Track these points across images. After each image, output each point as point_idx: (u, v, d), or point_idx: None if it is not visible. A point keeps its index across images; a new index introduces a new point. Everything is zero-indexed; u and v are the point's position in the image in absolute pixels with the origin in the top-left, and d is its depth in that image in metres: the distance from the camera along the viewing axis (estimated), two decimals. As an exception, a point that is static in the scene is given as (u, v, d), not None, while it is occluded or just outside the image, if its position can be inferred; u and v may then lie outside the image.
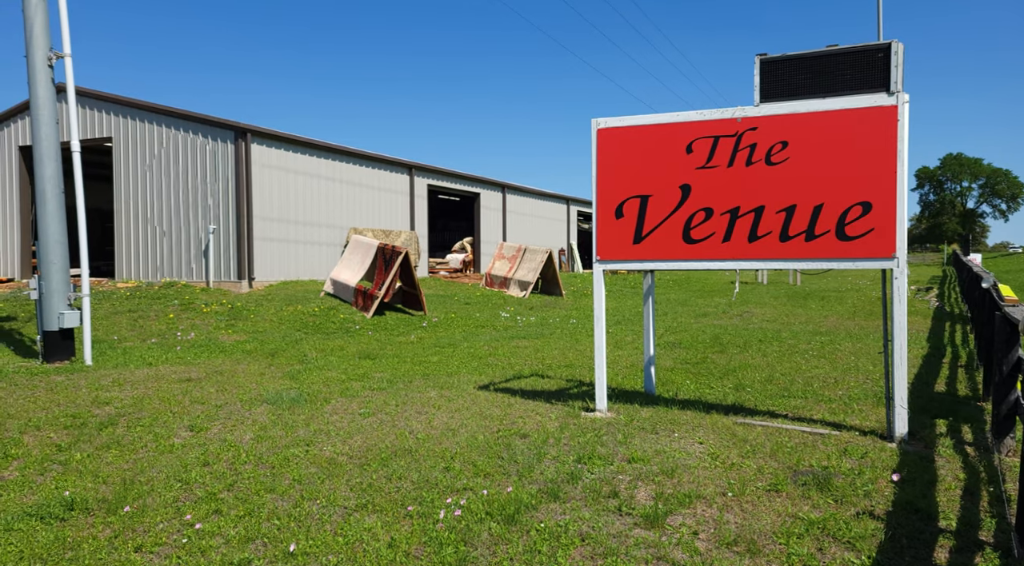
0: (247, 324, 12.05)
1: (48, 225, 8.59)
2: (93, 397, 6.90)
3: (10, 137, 19.50)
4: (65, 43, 8.28)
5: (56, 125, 8.55)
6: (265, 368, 8.69)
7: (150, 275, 17.39)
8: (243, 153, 16.29)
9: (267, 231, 17.00)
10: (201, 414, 6.34)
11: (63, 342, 8.73)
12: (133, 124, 17.62)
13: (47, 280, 8.64)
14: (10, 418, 6.16)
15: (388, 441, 5.43)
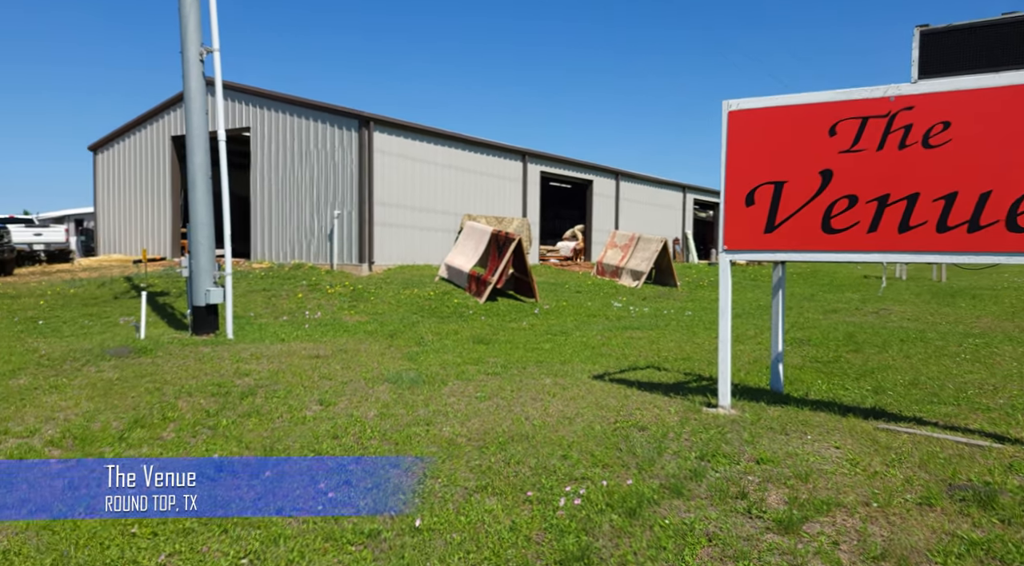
0: (368, 305, 12.58)
1: (198, 209, 9.33)
2: (235, 369, 7.43)
3: (163, 128, 21.39)
4: (214, 39, 8.93)
5: (206, 116, 9.26)
6: (385, 348, 9.03)
7: (281, 257, 18.56)
8: (366, 141, 16.99)
9: (386, 216, 17.66)
10: (329, 389, 6.67)
11: (209, 317, 9.48)
12: (269, 114, 18.81)
13: (196, 259, 9.40)
14: (166, 384, 6.75)
15: (505, 426, 5.48)
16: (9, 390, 6.58)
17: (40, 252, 22.32)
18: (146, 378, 6.99)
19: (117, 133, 22.67)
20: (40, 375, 7.15)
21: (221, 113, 9.18)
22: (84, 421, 5.61)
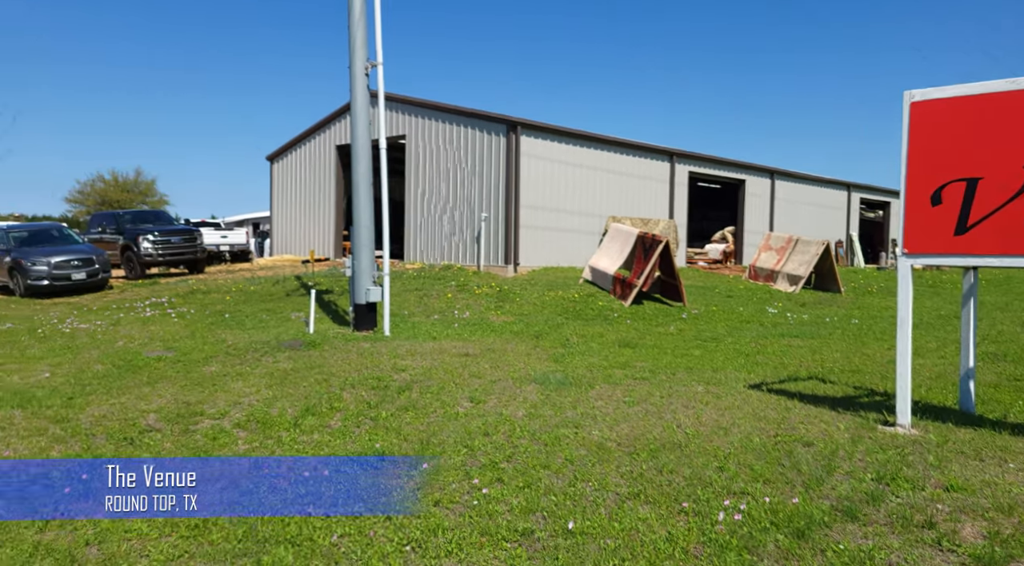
0: (513, 306, 12.83)
1: (360, 213, 9.99)
2: (392, 364, 7.86)
3: (330, 138, 23.17)
4: (378, 54, 9.53)
5: (369, 126, 9.89)
6: (531, 349, 9.14)
7: (432, 258, 19.44)
8: (513, 145, 17.35)
9: (531, 219, 17.92)
10: (479, 387, 6.85)
11: (368, 314, 10.11)
12: (422, 122, 19.78)
13: (357, 260, 10.07)
14: (333, 376, 7.27)
15: (655, 432, 5.33)
16: (203, 376, 7.39)
17: (225, 253, 25.01)
18: (315, 370, 7.56)
19: (290, 144, 24.88)
20: (228, 363, 7.97)
21: (383, 123, 9.77)
22: (264, 407, 6.17)
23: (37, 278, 15.86)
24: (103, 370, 7.80)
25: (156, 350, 8.89)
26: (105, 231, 20.73)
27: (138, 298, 14.74)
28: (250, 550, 3.52)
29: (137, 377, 7.41)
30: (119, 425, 5.62)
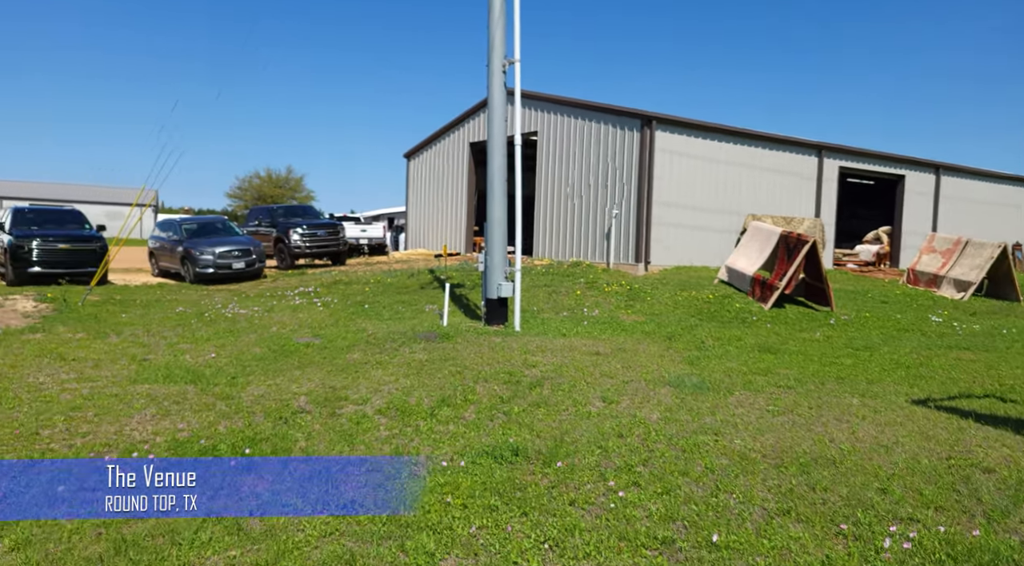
0: (644, 306, 12.53)
1: (494, 209, 10.15)
2: (523, 359, 7.90)
3: (463, 135, 23.80)
4: (516, 50, 9.61)
5: (505, 123, 10.01)
6: (664, 350, 8.86)
7: (560, 254, 19.44)
8: (647, 140, 16.95)
9: (664, 216, 17.43)
10: (611, 387, 6.72)
11: (499, 309, 10.25)
12: (554, 118, 19.81)
13: (490, 255, 10.23)
14: (466, 369, 7.42)
15: (805, 446, 4.97)
16: (347, 363, 7.79)
17: (364, 246, 26.42)
18: (449, 362, 7.75)
19: (426, 142, 25.83)
20: (368, 352, 8.36)
21: (519, 120, 9.84)
22: (403, 395, 6.39)
23: (204, 266, 17.52)
24: (260, 353, 8.44)
25: (305, 337, 9.49)
26: (261, 224, 22.55)
27: (288, 287, 15.88)
28: (394, 534, 3.63)
29: (289, 361, 7.94)
30: (275, 405, 6.03)
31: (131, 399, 6.09)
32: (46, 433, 5.06)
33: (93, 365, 7.50)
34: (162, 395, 6.27)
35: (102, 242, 16.90)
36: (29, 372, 7.05)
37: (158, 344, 8.97)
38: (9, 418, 5.37)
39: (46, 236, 16.18)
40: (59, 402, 5.92)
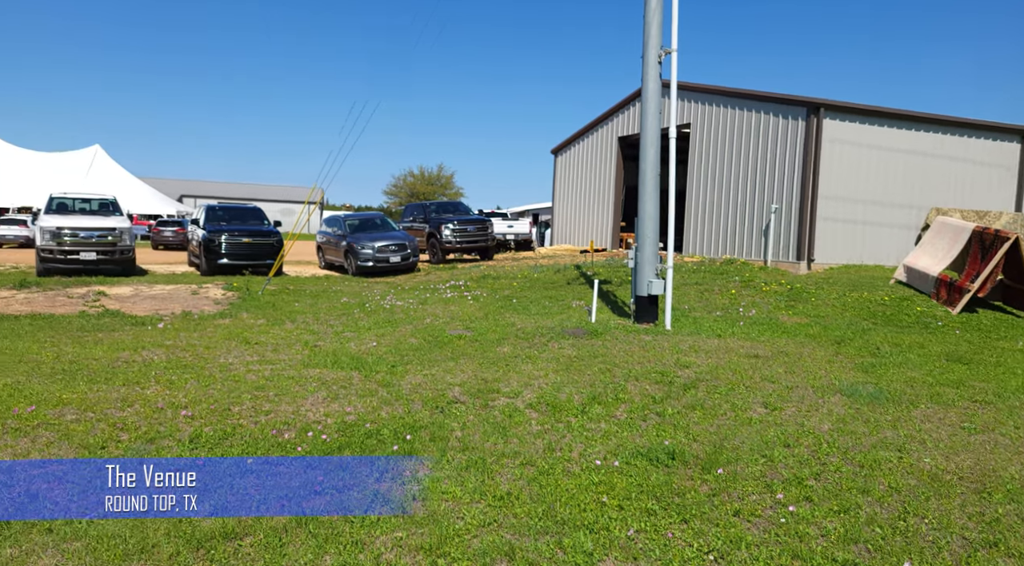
0: (807, 307, 11.66)
1: (645, 204, 9.88)
2: (675, 359, 7.62)
3: (611, 130, 23.51)
4: (673, 40, 9.28)
5: (660, 116, 9.71)
6: (832, 355, 8.17)
7: (713, 251, 18.63)
8: (813, 129, 15.76)
9: (830, 211, 16.13)
10: (772, 393, 6.29)
11: (650, 307, 9.98)
12: (708, 109, 19.00)
13: (641, 251, 9.98)
14: (615, 366, 7.28)
15: (1013, 470, 4.34)
16: (497, 356, 7.93)
17: (511, 241, 26.95)
18: (598, 359, 7.65)
19: (573, 137, 25.82)
20: (518, 346, 8.46)
21: (674, 111, 9.51)
22: (553, 391, 6.39)
23: (364, 260, 18.70)
24: (416, 343, 8.82)
25: (457, 329, 9.80)
26: (415, 220, 23.69)
27: (440, 280, 16.54)
28: (551, 529, 3.61)
29: (443, 352, 8.23)
30: (431, 394, 6.26)
31: (305, 382, 6.58)
32: (236, 410, 5.59)
33: (272, 349, 8.21)
34: (331, 379, 6.72)
35: (278, 236, 18.56)
36: (220, 353, 7.85)
37: (326, 332, 9.65)
38: (206, 395, 6.00)
39: (232, 231, 18.04)
40: (245, 382, 6.53)
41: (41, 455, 4.43)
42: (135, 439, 4.80)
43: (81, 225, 16.34)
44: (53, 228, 15.98)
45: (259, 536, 3.44)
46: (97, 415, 5.28)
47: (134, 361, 7.29)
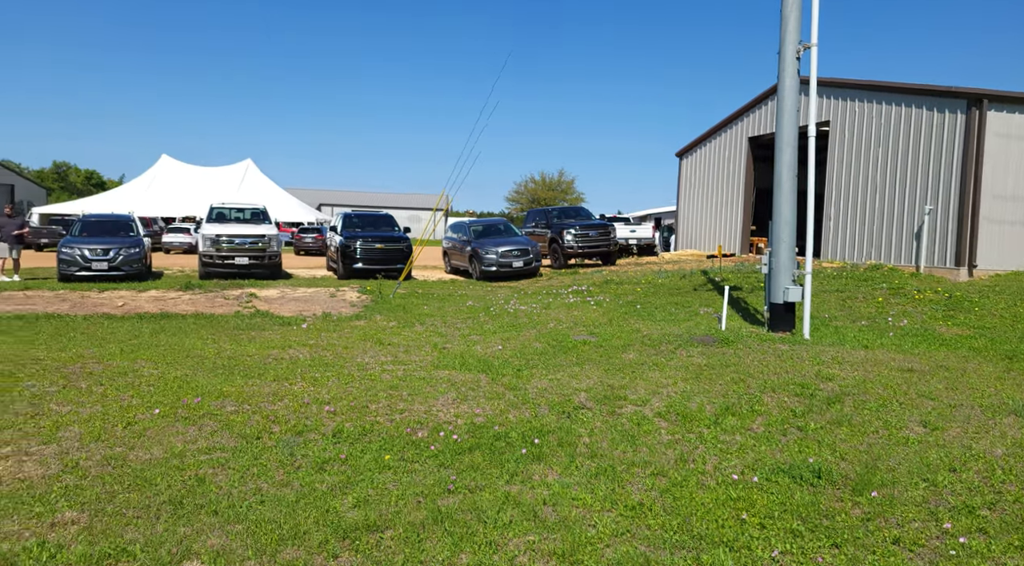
0: (969, 317, 10.55)
1: (781, 207, 9.36)
2: (816, 371, 7.14)
3: (741, 131, 22.55)
4: (813, 34, 8.74)
5: (796, 114, 9.17)
6: (1002, 372, 7.33)
7: (854, 256, 17.35)
8: (975, 123, 14.28)
9: (996, 212, 14.53)
10: (932, 411, 5.74)
11: (786, 314, 9.44)
12: (850, 105, 17.74)
13: (776, 256, 9.46)
14: (749, 377, 6.93)
15: None
16: (623, 362, 7.80)
17: (633, 246, 26.50)
18: (730, 368, 7.32)
19: (699, 139, 25.02)
20: (644, 352, 8.28)
21: (813, 109, 8.93)
22: (682, 400, 6.18)
23: (488, 264, 19.08)
24: (540, 348, 8.85)
25: (581, 334, 9.75)
26: (537, 225, 23.88)
27: (562, 285, 16.55)
28: (687, 544, 3.47)
29: (567, 357, 8.20)
30: (557, 399, 6.25)
31: (435, 383, 6.79)
32: (373, 407, 5.86)
33: (404, 350, 8.55)
34: (459, 381, 6.88)
35: (408, 242, 19.37)
36: (357, 353, 8.27)
37: (453, 334, 9.92)
38: (346, 392, 6.34)
39: (366, 237, 19.03)
40: (381, 381, 6.83)
41: (207, 443, 4.86)
42: (285, 431, 5.15)
43: (236, 232, 17.88)
44: (213, 235, 17.59)
45: (399, 530, 3.56)
46: (252, 407, 5.72)
47: (282, 358, 7.84)
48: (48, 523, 3.55)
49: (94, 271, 16.19)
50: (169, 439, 4.90)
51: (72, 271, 16.10)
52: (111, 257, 16.33)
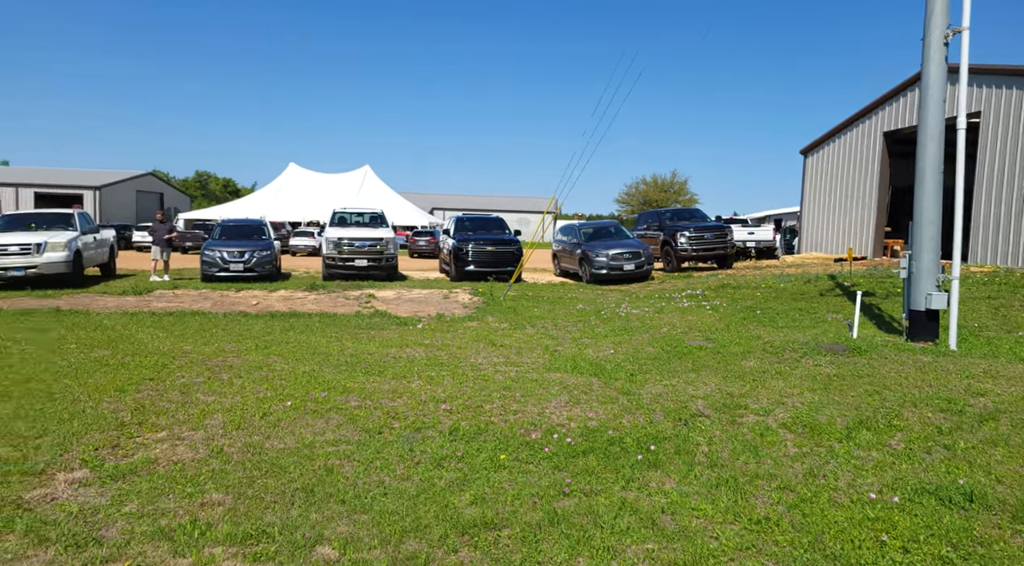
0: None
1: (924, 206, 8.63)
2: (965, 385, 6.52)
3: (874, 125, 21.05)
4: (964, 16, 7.98)
5: (942, 105, 8.42)
6: None
7: (1008, 260, 15.73)
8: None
9: None
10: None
11: (928, 323, 8.68)
12: (1004, 94, 16.11)
13: (917, 260, 8.73)
14: (886, 389, 6.43)
15: None
16: (742, 369, 7.46)
17: (751, 249, 25.38)
18: (863, 379, 6.83)
19: (827, 136, 23.59)
20: (765, 360, 7.88)
21: (963, 99, 8.13)
22: (809, 411, 5.82)
23: (598, 267, 18.91)
24: (653, 352, 8.65)
25: (696, 339, 9.43)
26: (649, 228, 23.41)
27: (675, 289, 16.12)
28: (819, 563, 3.25)
29: (682, 362, 7.96)
30: (673, 405, 6.07)
31: (547, 385, 6.79)
32: (487, 407, 5.94)
33: (516, 352, 8.62)
34: (572, 384, 6.84)
35: (518, 245, 19.57)
36: (470, 354, 8.43)
37: (564, 337, 9.90)
38: (461, 391, 6.47)
39: (478, 240, 19.42)
40: (494, 381, 6.92)
41: (333, 435, 5.11)
42: (404, 427, 5.32)
43: (356, 236, 18.79)
44: (335, 239, 18.58)
45: (516, 530, 3.58)
46: (374, 403, 5.96)
47: (400, 357, 8.13)
48: (198, 503, 3.86)
49: (231, 272, 17.56)
50: (300, 430, 5.20)
51: (213, 272, 17.55)
52: (246, 259, 17.65)
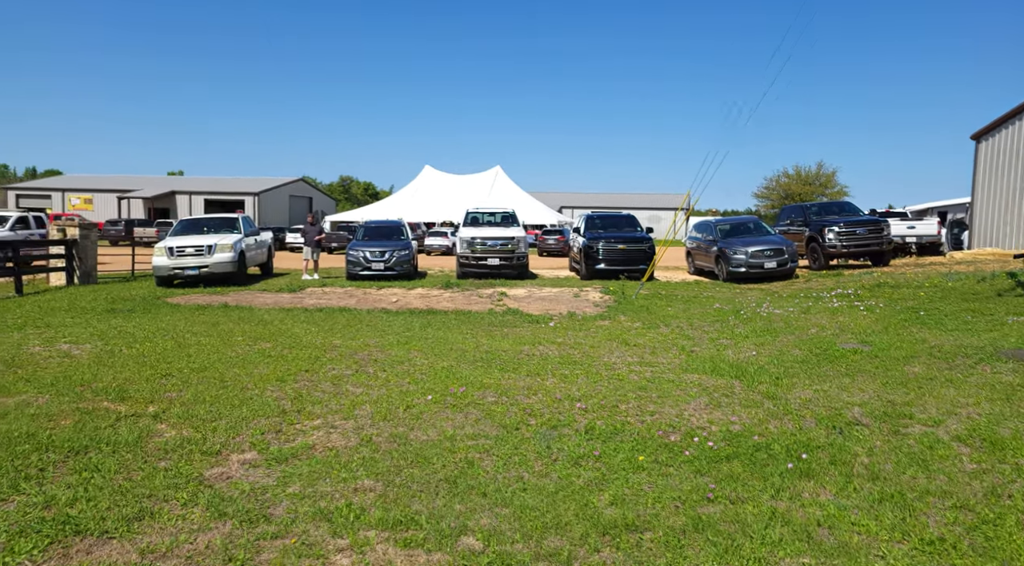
0: None
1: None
2: None
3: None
4: None
5: None
6: None
7: None
8: None
9: None
10: None
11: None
12: None
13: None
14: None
15: None
16: (905, 376, 6.83)
17: (911, 244, 23.21)
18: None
19: (1004, 118, 21.06)
20: (932, 366, 7.17)
21: None
22: (988, 423, 5.22)
23: (736, 265, 18.08)
24: (800, 355, 8.13)
25: (849, 342, 8.76)
26: (793, 223, 22.04)
27: (823, 288, 15.07)
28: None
29: (834, 367, 7.41)
30: (825, 412, 5.66)
31: (685, 386, 6.57)
32: (623, 407, 5.85)
33: (650, 352, 8.43)
34: (711, 386, 6.58)
35: (651, 243, 19.16)
36: (603, 353, 8.35)
37: (701, 337, 9.55)
38: (595, 390, 6.42)
39: (608, 238, 19.22)
40: (628, 381, 6.80)
41: (472, 429, 5.25)
42: (540, 424, 5.36)
43: (488, 235, 19.23)
44: (468, 238, 19.13)
45: (658, 533, 3.48)
46: (510, 400, 6.06)
47: (533, 355, 8.21)
48: (352, 488, 4.10)
49: (373, 271, 18.59)
50: (441, 423, 5.38)
51: (356, 271, 18.67)
52: (386, 259, 18.61)
